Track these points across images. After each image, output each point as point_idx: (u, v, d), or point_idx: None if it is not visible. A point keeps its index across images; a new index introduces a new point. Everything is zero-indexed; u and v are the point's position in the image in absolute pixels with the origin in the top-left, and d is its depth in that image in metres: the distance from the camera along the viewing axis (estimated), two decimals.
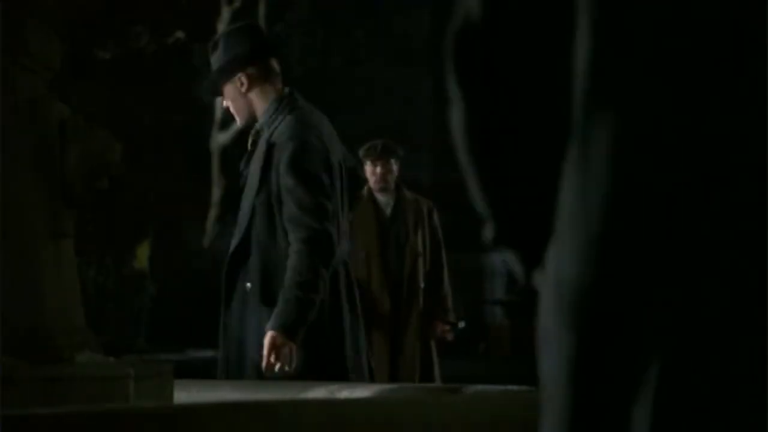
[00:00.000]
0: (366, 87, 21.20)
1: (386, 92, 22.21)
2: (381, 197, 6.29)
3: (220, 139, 14.75)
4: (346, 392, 2.73)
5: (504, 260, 1.53)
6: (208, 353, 11.12)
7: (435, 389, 3.39)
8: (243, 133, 4.31)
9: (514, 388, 2.61)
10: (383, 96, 22.03)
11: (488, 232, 1.46)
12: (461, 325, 7.04)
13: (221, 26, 15.06)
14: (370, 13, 21.07)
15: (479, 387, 2.63)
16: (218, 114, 15.06)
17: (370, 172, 6.26)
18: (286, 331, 3.38)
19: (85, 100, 14.07)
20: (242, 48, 3.59)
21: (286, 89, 3.61)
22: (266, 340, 3.37)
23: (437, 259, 6.32)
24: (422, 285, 6.18)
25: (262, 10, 14.78)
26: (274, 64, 3.62)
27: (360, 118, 19.85)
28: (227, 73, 3.57)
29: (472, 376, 6.43)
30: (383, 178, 6.25)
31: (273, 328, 3.36)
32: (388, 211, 6.29)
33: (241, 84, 3.55)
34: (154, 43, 15.16)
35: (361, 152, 6.27)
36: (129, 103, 16.17)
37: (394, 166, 6.31)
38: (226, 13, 15.04)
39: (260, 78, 3.55)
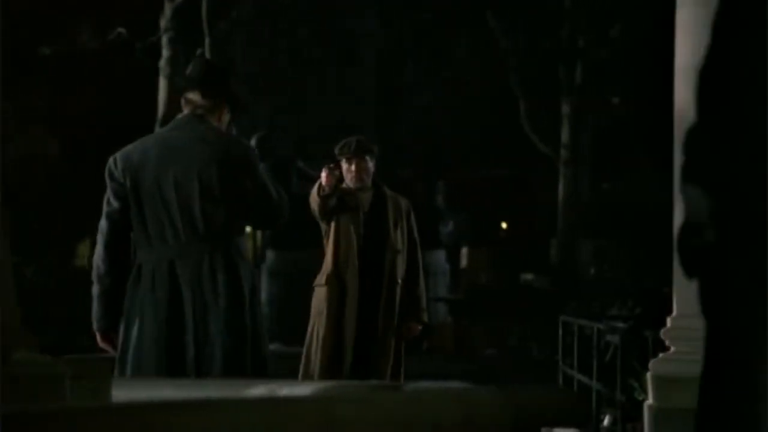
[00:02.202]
0: (311, 85, 21.14)
1: (331, 90, 22.17)
2: (360, 194, 6.22)
3: None
4: (286, 390, 2.72)
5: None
6: None
7: (376, 386, 3.39)
8: None
9: (455, 384, 2.62)
10: (328, 94, 21.98)
11: None
12: None
13: (163, 22, 14.93)
14: (315, 11, 21.03)
15: (420, 384, 2.64)
16: (160, 111, 14.94)
17: (345, 169, 6.20)
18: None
19: (26, 97, 13.89)
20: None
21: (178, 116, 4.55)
22: None
23: (413, 257, 6.31)
24: (400, 281, 6.18)
25: (205, 7, 14.66)
26: (188, 96, 4.54)
27: (304, 116, 19.78)
28: None
29: (415, 373, 6.43)
30: (358, 175, 6.19)
31: None
32: (367, 207, 6.23)
33: None
34: (95, 39, 14.99)
35: (336, 150, 6.25)
36: (70, 100, 15.99)
37: (370, 164, 6.26)
38: (168, 9, 14.90)
39: None
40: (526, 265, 19.31)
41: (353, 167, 6.22)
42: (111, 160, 4.46)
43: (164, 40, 14.94)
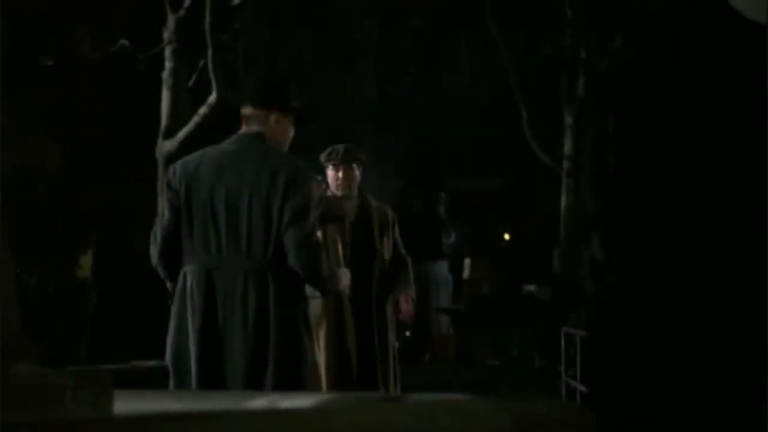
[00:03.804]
0: (311, 94, 21.17)
1: (331, 99, 22.18)
2: (345, 203, 6.16)
3: (166, 147, 14.64)
4: (287, 402, 2.72)
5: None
6: (152, 363, 11.03)
7: (376, 398, 3.39)
8: (188, 142, 4.54)
9: (456, 396, 2.62)
10: (328, 103, 21.99)
11: None
12: (407, 333, 7.00)
13: (166, 34, 14.95)
14: (316, 19, 21.07)
15: (421, 395, 2.64)
16: (164, 122, 14.95)
17: (332, 176, 6.14)
18: None
19: (26, 107, 13.90)
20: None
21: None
22: None
23: (402, 264, 6.19)
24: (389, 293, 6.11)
25: (208, 18, 14.67)
26: (243, 111, 4.59)
27: (304, 125, 19.80)
28: None
29: (417, 384, 6.43)
30: (345, 183, 6.12)
31: None
32: (353, 217, 6.15)
33: None
34: (97, 50, 15.01)
35: (322, 157, 6.20)
36: (72, 111, 16.02)
37: (357, 171, 6.16)
38: (171, 21, 14.92)
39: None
40: (529, 276, 19.31)
41: (340, 174, 6.18)
42: (171, 168, 4.53)
43: (167, 51, 14.96)
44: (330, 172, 6.13)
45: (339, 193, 6.09)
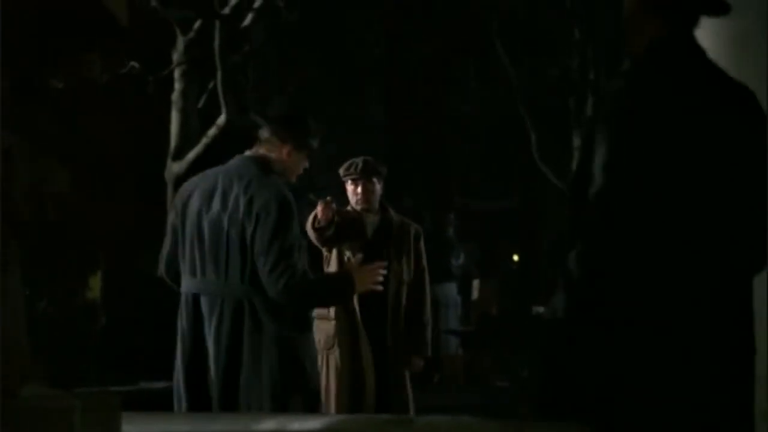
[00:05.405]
0: (319, 116, 21.22)
1: (339, 121, 22.23)
2: (366, 218, 5.92)
3: (175, 168, 14.66)
4: (296, 424, 2.71)
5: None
6: (161, 384, 11.01)
7: (387, 421, 3.37)
8: (197, 163, 4.53)
9: (466, 418, 2.60)
10: (336, 125, 22.04)
11: None
12: None
13: (176, 56, 15.00)
14: (325, 41, 21.13)
15: (430, 418, 2.63)
16: (173, 143, 14.98)
17: (351, 191, 5.86)
18: None
19: (36, 129, 13.93)
20: None
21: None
22: None
23: (420, 286, 5.91)
24: (404, 314, 5.82)
25: (217, 40, 14.72)
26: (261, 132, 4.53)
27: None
28: None
29: (426, 407, 6.36)
30: (365, 198, 5.85)
31: None
32: (372, 232, 5.93)
33: None
34: (107, 72, 15.07)
35: (341, 171, 5.96)
36: (82, 132, 16.06)
37: (377, 186, 5.90)
38: (180, 43, 14.97)
39: None
40: (538, 297, 19.27)
41: (359, 189, 5.91)
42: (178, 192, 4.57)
43: (177, 73, 15.01)
44: (349, 187, 5.85)
45: (359, 208, 5.89)
